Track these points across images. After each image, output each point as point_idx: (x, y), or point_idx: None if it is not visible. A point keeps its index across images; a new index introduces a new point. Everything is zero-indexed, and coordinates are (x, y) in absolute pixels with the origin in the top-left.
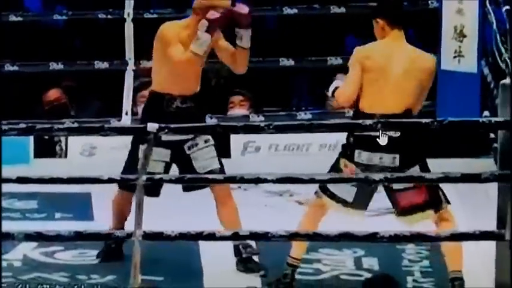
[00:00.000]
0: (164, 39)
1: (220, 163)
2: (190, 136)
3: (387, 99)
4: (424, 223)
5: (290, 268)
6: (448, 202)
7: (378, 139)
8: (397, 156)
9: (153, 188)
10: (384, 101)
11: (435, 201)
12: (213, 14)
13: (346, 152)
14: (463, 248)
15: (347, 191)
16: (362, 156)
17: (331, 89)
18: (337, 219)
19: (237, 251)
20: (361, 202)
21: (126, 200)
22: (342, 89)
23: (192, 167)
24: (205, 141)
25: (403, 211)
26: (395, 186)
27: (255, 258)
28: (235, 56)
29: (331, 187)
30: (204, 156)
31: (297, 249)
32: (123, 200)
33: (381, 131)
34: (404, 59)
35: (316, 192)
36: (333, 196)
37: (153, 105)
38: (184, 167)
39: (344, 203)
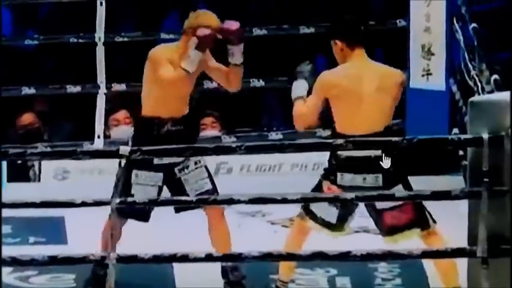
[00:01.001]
0: (154, 62)
1: (213, 183)
2: (181, 159)
3: (365, 120)
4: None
5: None
6: (434, 221)
7: (358, 158)
8: (380, 175)
9: (143, 213)
10: (361, 122)
11: (421, 220)
12: (203, 32)
13: (329, 175)
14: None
15: (330, 213)
16: (345, 178)
17: (293, 95)
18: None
19: (224, 274)
20: (342, 223)
21: (117, 226)
22: (301, 113)
23: (184, 190)
24: (195, 163)
25: (389, 230)
26: (380, 205)
27: (243, 282)
28: (229, 75)
29: (315, 209)
30: (194, 179)
31: (286, 271)
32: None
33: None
34: (373, 77)
35: (299, 214)
36: (316, 218)
37: (143, 130)
38: (175, 191)
39: (328, 225)
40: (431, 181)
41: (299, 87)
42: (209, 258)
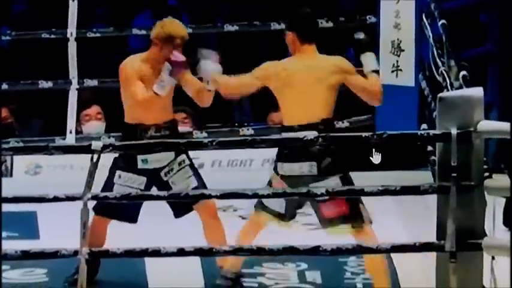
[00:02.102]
0: (125, 77)
1: (199, 180)
2: (165, 163)
3: (303, 110)
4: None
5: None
6: (370, 221)
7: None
8: (314, 164)
9: (130, 214)
10: (301, 113)
11: (354, 216)
12: (177, 57)
13: (275, 166)
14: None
15: (279, 204)
16: (284, 167)
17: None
18: (278, 233)
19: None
20: (291, 213)
21: (102, 225)
22: (226, 80)
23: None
24: (179, 164)
25: (324, 222)
26: (317, 196)
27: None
28: (201, 93)
29: (266, 201)
30: (180, 179)
31: (235, 261)
32: (101, 227)
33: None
34: (312, 68)
35: (255, 207)
36: (268, 210)
37: (128, 137)
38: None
39: (278, 215)
40: (400, 176)
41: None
42: (181, 253)
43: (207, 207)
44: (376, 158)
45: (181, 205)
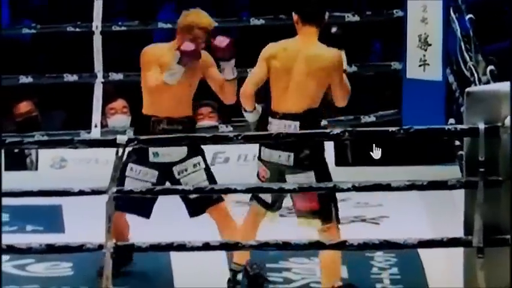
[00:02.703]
0: (144, 63)
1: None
2: (178, 158)
3: (289, 98)
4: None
5: (231, 272)
6: (338, 221)
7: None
8: (292, 154)
9: (144, 209)
10: (287, 100)
11: (323, 212)
12: (187, 46)
13: (259, 151)
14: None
15: (267, 195)
16: (265, 153)
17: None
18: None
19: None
20: (277, 203)
21: (122, 219)
22: (245, 82)
23: None
24: (194, 166)
25: (297, 213)
26: (292, 186)
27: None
28: (223, 88)
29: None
30: (193, 182)
31: (240, 254)
32: (121, 221)
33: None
34: (307, 58)
35: (250, 199)
36: (259, 200)
37: (142, 128)
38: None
39: (267, 205)
40: (427, 171)
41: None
42: (206, 247)
43: (218, 209)
44: (376, 154)
45: (197, 205)
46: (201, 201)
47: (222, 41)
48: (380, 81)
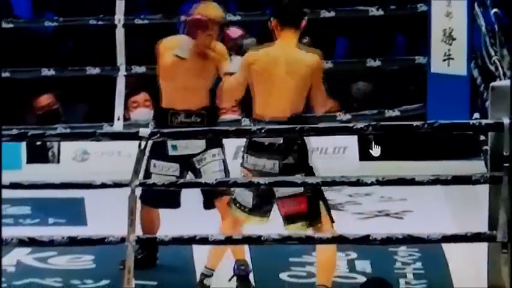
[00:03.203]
0: (159, 53)
1: (227, 176)
2: (198, 150)
3: (274, 104)
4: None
5: (201, 276)
6: (331, 219)
7: (263, 144)
8: (276, 162)
9: (172, 200)
10: (271, 106)
11: (312, 215)
12: (191, 17)
13: (242, 158)
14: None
15: (246, 197)
16: (249, 160)
17: (227, 70)
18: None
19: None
20: (260, 208)
21: (152, 215)
22: (225, 84)
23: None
24: (213, 156)
25: (283, 218)
26: (278, 193)
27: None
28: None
29: (238, 196)
30: (210, 170)
31: (213, 260)
32: (149, 216)
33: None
34: (287, 62)
35: (228, 203)
36: (239, 205)
37: (160, 121)
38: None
39: (248, 210)
40: (451, 166)
41: (234, 62)
42: (229, 240)
43: (222, 204)
44: (376, 151)
45: (209, 197)
46: (211, 193)
47: (234, 32)
48: (404, 76)
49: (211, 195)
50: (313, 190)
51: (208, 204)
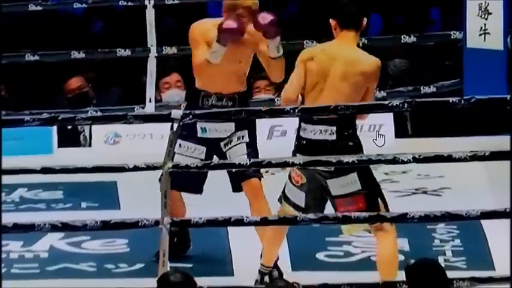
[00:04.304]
0: (192, 40)
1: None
2: (226, 134)
3: (324, 102)
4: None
5: (260, 275)
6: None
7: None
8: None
9: (195, 185)
10: (321, 104)
11: (372, 212)
12: (226, 24)
13: (293, 154)
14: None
15: (299, 197)
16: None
17: None
18: None
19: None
20: (313, 207)
21: (177, 199)
22: (285, 88)
23: None
24: (238, 139)
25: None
26: (334, 192)
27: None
28: (269, 66)
29: (289, 193)
30: (235, 154)
31: (268, 256)
32: (175, 200)
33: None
34: (344, 62)
35: (279, 199)
36: (289, 202)
37: (192, 102)
38: None
39: (299, 208)
40: (490, 141)
41: None
42: (264, 221)
43: (251, 187)
44: (380, 141)
45: (236, 180)
46: (238, 176)
47: (264, 18)
48: (440, 51)
49: (239, 178)
50: (371, 187)
51: (237, 186)
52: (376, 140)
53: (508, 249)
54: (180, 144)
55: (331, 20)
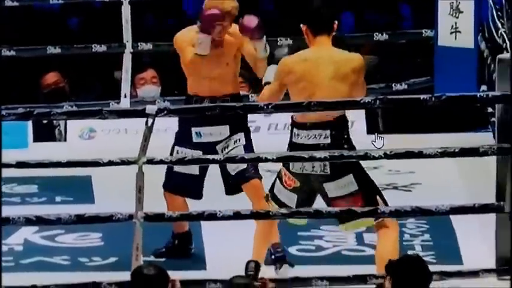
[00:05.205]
0: (178, 47)
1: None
2: (221, 137)
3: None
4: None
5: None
6: None
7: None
8: (328, 163)
9: (194, 190)
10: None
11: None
12: (205, 13)
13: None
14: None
15: (290, 199)
16: (295, 165)
17: (264, 80)
18: None
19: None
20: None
21: (178, 202)
22: (262, 98)
23: (227, 168)
24: (235, 142)
25: (341, 218)
26: (331, 194)
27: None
28: (255, 63)
29: (278, 194)
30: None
31: (257, 254)
32: (175, 204)
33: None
34: (334, 62)
35: (266, 198)
36: (278, 202)
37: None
38: (222, 169)
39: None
40: (460, 138)
41: (270, 72)
42: (237, 216)
43: (251, 186)
44: (379, 143)
45: (234, 182)
46: (237, 178)
47: (250, 21)
48: (411, 49)
49: (237, 181)
50: (368, 187)
51: (231, 189)
52: (374, 142)
53: (476, 244)
54: (177, 151)
55: (302, 26)
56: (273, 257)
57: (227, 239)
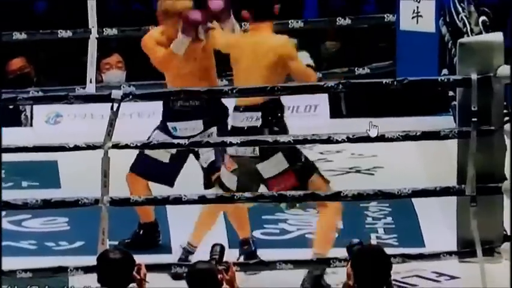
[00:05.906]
0: (147, 49)
1: (216, 155)
2: (197, 132)
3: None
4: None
5: (183, 251)
6: (326, 181)
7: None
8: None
9: (167, 177)
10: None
11: (305, 186)
12: (189, 15)
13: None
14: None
15: (231, 181)
16: (231, 149)
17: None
18: None
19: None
20: (245, 191)
21: (137, 183)
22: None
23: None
24: (208, 136)
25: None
26: (265, 175)
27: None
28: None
29: (222, 177)
30: (204, 150)
31: (197, 236)
32: (134, 184)
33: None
34: (254, 48)
35: (214, 183)
36: (224, 187)
37: (164, 103)
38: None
39: (231, 192)
40: (422, 122)
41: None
42: (202, 200)
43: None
44: (373, 132)
45: (206, 175)
46: (208, 170)
47: (215, 4)
48: (374, 34)
49: (207, 171)
50: (299, 163)
51: (208, 184)
52: (369, 130)
53: (438, 226)
54: (154, 139)
55: (243, 11)
56: (242, 256)
57: (192, 223)
